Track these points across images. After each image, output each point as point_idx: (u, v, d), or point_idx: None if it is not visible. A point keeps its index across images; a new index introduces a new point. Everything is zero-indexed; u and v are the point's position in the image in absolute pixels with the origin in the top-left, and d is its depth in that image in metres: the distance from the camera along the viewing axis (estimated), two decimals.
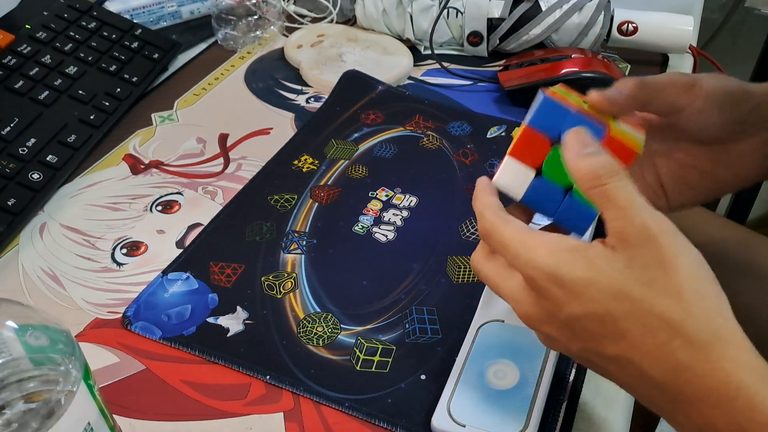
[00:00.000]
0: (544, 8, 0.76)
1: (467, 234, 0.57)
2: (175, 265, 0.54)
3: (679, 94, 0.44)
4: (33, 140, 0.62)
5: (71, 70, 0.70)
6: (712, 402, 0.31)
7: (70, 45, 0.73)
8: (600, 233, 0.36)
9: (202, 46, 0.83)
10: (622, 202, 0.34)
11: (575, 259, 0.34)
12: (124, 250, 0.56)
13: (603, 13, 0.76)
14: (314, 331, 0.49)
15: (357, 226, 0.58)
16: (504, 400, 0.43)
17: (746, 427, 0.31)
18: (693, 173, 0.46)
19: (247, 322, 0.50)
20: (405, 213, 0.59)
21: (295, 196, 0.61)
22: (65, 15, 0.76)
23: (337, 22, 0.87)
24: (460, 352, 0.46)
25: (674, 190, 0.47)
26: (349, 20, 0.88)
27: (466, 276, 0.53)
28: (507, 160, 0.40)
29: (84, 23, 0.76)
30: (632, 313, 0.33)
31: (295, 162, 0.65)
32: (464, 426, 0.42)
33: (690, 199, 0.47)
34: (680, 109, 0.44)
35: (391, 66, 0.77)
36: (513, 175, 0.40)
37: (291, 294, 0.52)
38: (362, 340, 0.49)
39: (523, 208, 0.42)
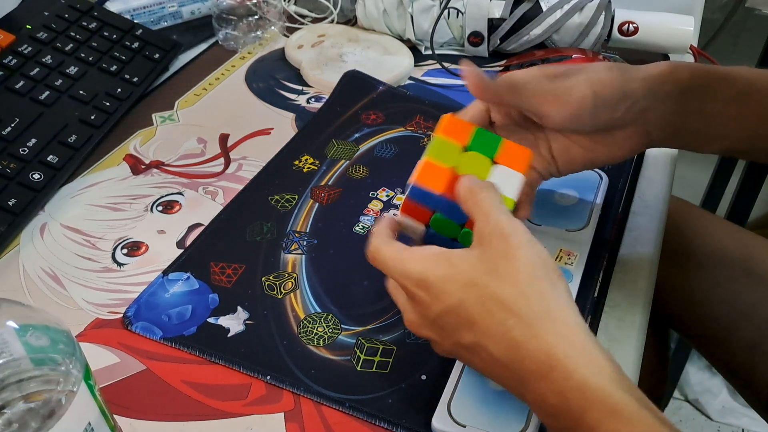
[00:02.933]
0: (544, 8, 0.76)
1: None
2: (176, 266, 0.54)
3: (545, 102, 0.46)
4: (34, 140, 0.62)
5: (72, 70, 0.70)
6: (541, 375, 0.34)
7: (71, 45, 0.73)
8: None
9: (203, 46, 0.83)
10: (486, 208, 0.39)
11: (439, 262, 0.38)
12: (125, 251, 0.56)
13: (604, 13, 0.76)
14: (315, 331, 0.49)
15: (358, 226, 0.58)
16: (504, 401, 0.43)
17: (566, 394, 0.33)
18: (576, 149, 0.50)
19: (247, 322, 0.50)
20: None
21: (296, 197, 0.61)
22: (66, 15, 0.76)
23: (337, 23, 0.87)
24: None
25: (562, 161, 0.50)
26: (350, 20, 0.88)
27: None
28: (400, 215, 0.46)
29: (85, 23, 0.76)
30: (478, 299, 0.36)
31: (296, 162, 0.65)
32: (464, 426, 0.42)
33: (576, 167, 0.51)
34: (547, 116, 0.47)
35: (391, 66, 0.77)
36: (408, 223, 0.46)
37: (291, 294, 0.52)
38: (363, 341, 0.49)
39: None
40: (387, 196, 0.61)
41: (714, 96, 0.48)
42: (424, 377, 0.46)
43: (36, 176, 0.60)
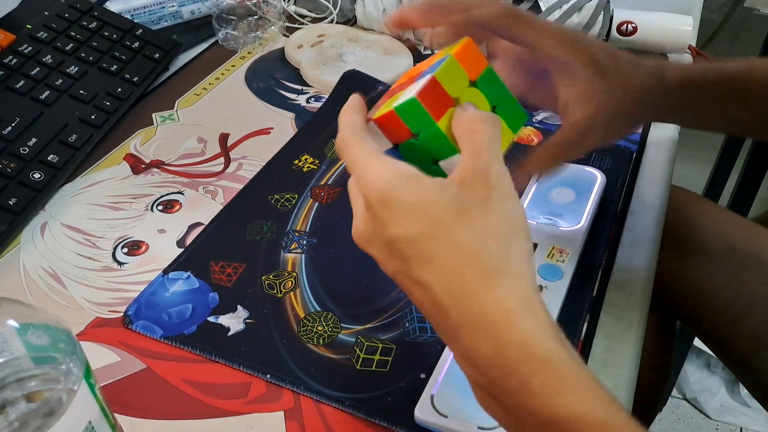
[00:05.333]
0: (543, 8, 0.76)
1: None
2: (176, 265, 0.54)
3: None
4: (34, 140, 0.62)
5: (72, 69, 0.70)
6: (481, 326, 0.34)
7: (71, 45, 0.73)
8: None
9: (203, 46, 0.83)
10: (479, 146, 0.37)
11: (410, 185, 0.36)
12: (125, 250, 0.56)
13: (602, 13, 0.76)
14: (314, 330, 0.50)
15: None
16: None
17: (505, 347, 0.33)
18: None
19: (247, 321, 0.50)
20: None
21: (296, 196, 0.61)
22: (66, 15, 0.76)
23: (337, 23, 0.87)
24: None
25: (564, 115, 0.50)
26: (350, 20, 0.89)
27: None
28: (373, 122, 0.41)
29: (85, 23, 0.76)
30: (440, 239, 0.35)
31: (296, 162, 0.65)
32: (446, 417, 0.42)
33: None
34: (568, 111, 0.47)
35: (391, 66, 0.78)
36: (375, 132, 0.41)
37: (291, 293, 0.52)
38: (362, 339, 0.49)
39: None
40: None
41: (727, 96, 0.49)
42: (423, 376, 0.46)
43: (36, 176, 0.60)
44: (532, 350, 0.33)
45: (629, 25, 0.77)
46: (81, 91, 0.69)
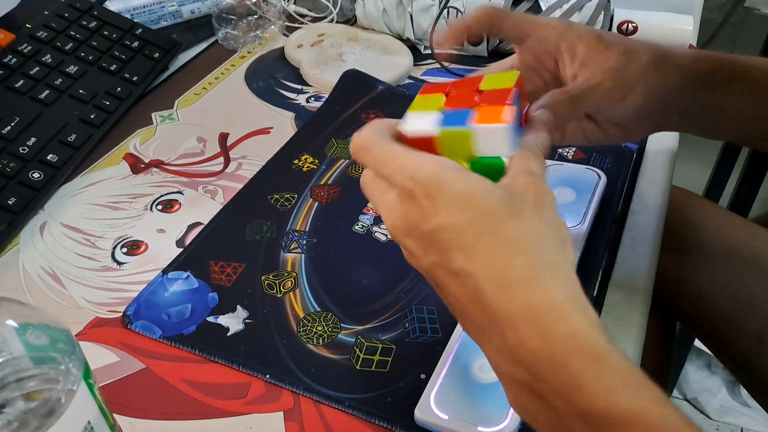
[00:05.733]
0: (544, 8, 0.76)
1: None
2: (176, 264, 0.54)
3: (612, 105, 0.46)
4: (33, 139, 0.62)
5: (72, 69, 0.70)
6: (530, 318, 0.32)
7: (71, 44, 0.73)
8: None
9: (203, 45, 0.83)
10: (530, 164, 0.37)
11: (460, 177, 0.35)
12: (125, 249, 0.56)
13: (603, 12, 0.76)
14: (314, 330, 0.49)
15: (357, 225, 0.58)
16: (488, 394, 0.43)
17: (553, 338, 0.32)
18: (591, 127, 0.50)
19: (247, 321, 0.50)
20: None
21: (296, 196, 0.61)
22: (66, 14, 0.76)
23: (337, 22, 0.87)
24: (448, 345, 0.47)
25: (571, 132, 0.51)
26: (350, 20, 0.89)
27: None
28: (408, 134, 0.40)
29: (84, 23, 0.76)
30: (491, 231, 0.34)
31: (296, 161, 0.65)
32: (446, 417, 0.42)
33: (580, 142, 0.52)
34: (608, 115, 0.48)
35: (391, 65, 0.77)
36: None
37: (291, 293, 0.52)
38: (362, 339, 0.49)
39: None
40: None
41: (731, 90, 0.49)
42: (423, 376, 0.46)
43: (36, 175, 0.60)
44: (584, 344, 0.32)
45: (630, 25, 0.77)
46: (80, 91, 0.69)
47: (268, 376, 0.46)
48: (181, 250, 0.56)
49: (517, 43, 0.49)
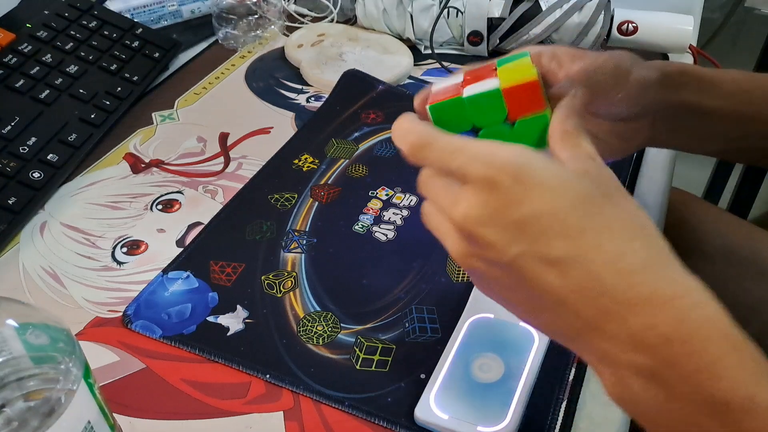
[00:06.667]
0: (544, 8, 0.76)
1: None
2: (176, 264, 0.54)
3: (608, 84, 0.46)
4: (34, 139, 0.62)
5: (72, 69, 0.70)
6: (661, 301, 0.31)
7: (71, 44, 0.73)
8: None
9: (203, 45, 0.83)
10: (588, 149, 0.35)
11: (548, 163, 0.33)
12: (125, 249, 0.56)
13: (603, 12, 0.76)
14: (314, 330, 0.49)
15: (357, 225, 0.58)
16: (488, 393, 0.43)
17: (690, 323, 0.30)
18: (592, 140, 0.48)
19: (247, 321, 0.50)
20: (405, 212, 0.59)
21: (296, 195, 0.61)
22: (66, 14, 0.76)
23: (337, 22, 0.87)
24: (448, 345, 0.47)
25: None
26: (350, 20, 0.89)
27: (466, 275, 0.53)
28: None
29: (85, 22, 0.76)
30: (595, 214, 0.32)
31: (296, 161, 0.65)
32: (446, 417, 0.42)
33: None
34: (606, 99, 0.46)
35: (391, 65, 0.77)
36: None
37: (291, 293, 0.52)
38: (362, 339, 0.49)
39: None
40: (386, 195, 0.61)
41: (701, 90, 0.50)
42: (423, 376, 0.46)
43: (36, 175, 0.60)
44: (723, 330, 0.30)
45: (630, 25, 0.77)
46: (81, 90, 0.69)
47: (268, 375, 0.46)
48: (181, 249, 0.56)
49: None
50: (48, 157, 0.61)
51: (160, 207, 0.60)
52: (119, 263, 0.55)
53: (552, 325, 0.35)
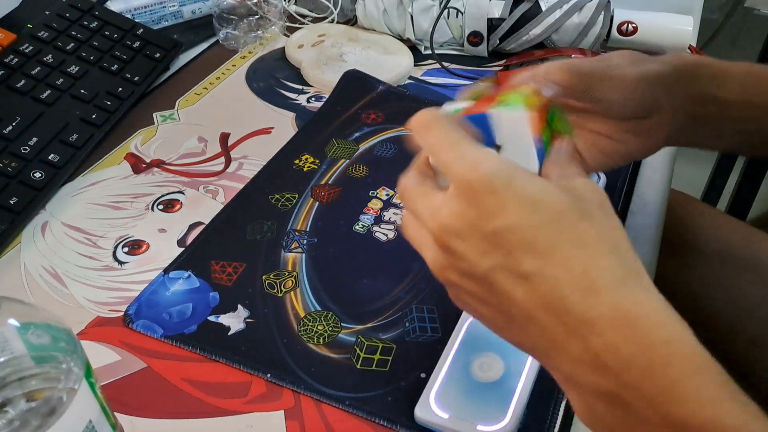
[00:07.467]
0: (544, 8, 0.76)
1: None
2: (177, 264, 0.54)
3: (598, 85, 0.45)
4: (35, 139, 0.62)
5: (73, 69, 0.70)
6: (620, 322, 0.31)
7: (72, 44, 0.73)
8: None
9: (204, 45, 0.83)
10: (580, 170, 0.36)
11: (528, 177, 0.33)
12: (126, 249, 0.56)
13: (603, 13, 0.76)
14: (315, 329, 0.50)
15: (357, 225, 0.58)
16: (487, 392, 0.44)
17: (650, 345, 0.30)
18: (605, 142, 0.47)
19: (248, 320, 0.50)
20: (405, 212, 0.59)
21: (296, 195, 0.61)
22: (67, 14, 0.76)
23: (338, 22, 0.87)
24: (448, 344, 0.47)
25: (589, 156, 0.48)
26: (350, 20, 0.89)
27: None
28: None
29: (86, 23, 0.76)
30: (567, 230, 0.32)
31: (296, 161, 0.65)
32: (446, 416, 0.42)
33: (604, 163, 0.48)
34: (598, 99, 0.45)
35: (391, 66, 0.78)
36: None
37: (292, 292, 0.52)
38: (362, 339, 0.49)
39: None
40: (387, 195, 0.61)
41: (713, 82, 0.49)
42: (423, 375, 0.46)
43: (37, 175, 0.60)
44: (685, 352, 0.30)
45: (630, 25, 0.77)
46: (82, 91, 0.69)
47: (268, 375, 0.46)
48: (182, 249, 0.56)
49: None
50: (49, 158, 0.61)
51: (161, 207, 0.61)
52: (120, 263, 0.55)
53: (524, 342, 0.35)
